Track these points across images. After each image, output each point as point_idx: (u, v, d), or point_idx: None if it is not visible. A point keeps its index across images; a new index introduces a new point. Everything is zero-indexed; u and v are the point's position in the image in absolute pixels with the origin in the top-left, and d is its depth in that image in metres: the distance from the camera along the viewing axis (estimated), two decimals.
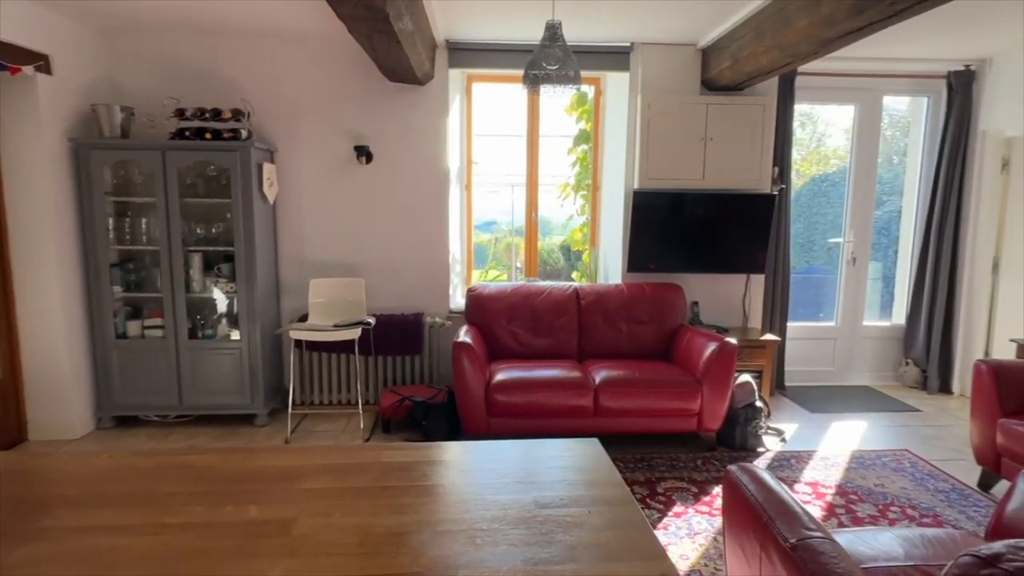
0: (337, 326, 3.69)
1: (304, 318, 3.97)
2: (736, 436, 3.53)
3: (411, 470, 1.41)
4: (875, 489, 3.07)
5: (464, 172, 4.46)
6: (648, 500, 2.93)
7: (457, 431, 3.55)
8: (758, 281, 4.36)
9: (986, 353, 4.44)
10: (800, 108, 4.83)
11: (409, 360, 4.13)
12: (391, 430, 3.74)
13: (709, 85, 4.09)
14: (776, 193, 4.18)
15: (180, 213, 3.59)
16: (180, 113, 3.59)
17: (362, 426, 3.80)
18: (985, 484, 3.08)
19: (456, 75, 4.21)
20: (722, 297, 4.36)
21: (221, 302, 3.86)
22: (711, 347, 3.41)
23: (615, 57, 4.10)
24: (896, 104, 4.85)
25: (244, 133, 3.60)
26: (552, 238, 5.32)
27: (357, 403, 4.01)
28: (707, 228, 4.13)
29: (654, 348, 3.91)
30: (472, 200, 4.54)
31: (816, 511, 2.85)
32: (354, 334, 3.65)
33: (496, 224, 5.06)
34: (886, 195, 5.02)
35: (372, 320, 3.83)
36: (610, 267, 4.48)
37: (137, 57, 3.89)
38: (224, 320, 3.86)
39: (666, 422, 3.43)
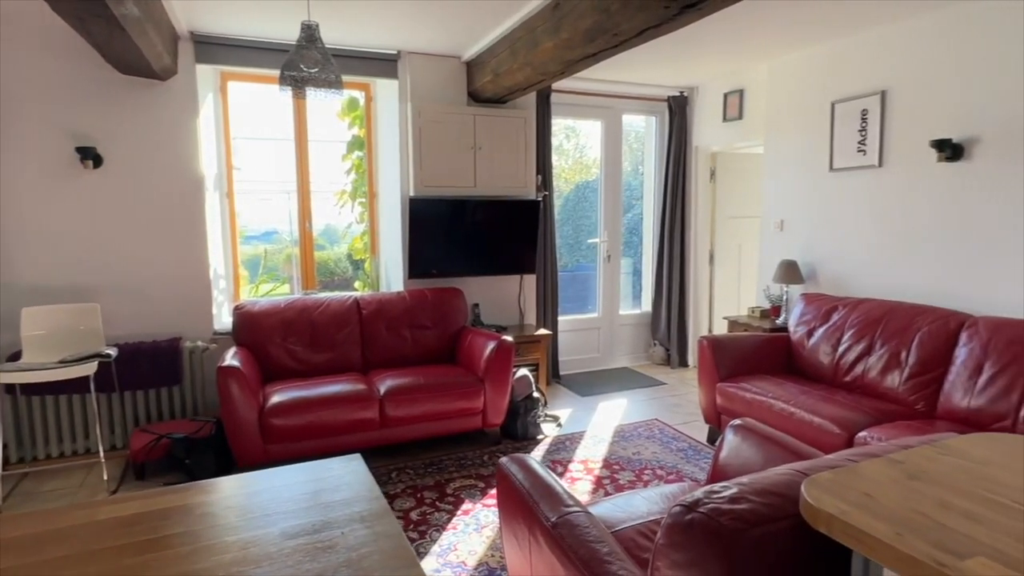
0: (64, 362, 3.08)
1: (16, 356, 3.24)
2: (518, 427, 3.75)
3: (137, 524, 1.21)
4: (633, 457, 3.50)
5: (224, 178, 4.06)
6: (438, 503, 2.96)
7: (230, 465, 3.21)
8: (531, 280, 4.70)
9: (709, 330, 5.37)
10: (565, 122, 5.34)
11: (166, 393, 3.61)
12: (147, 476, 3.23)
13: (475, 97, 4.28)
14: (540, 199, 4.55)
15: None
16: None
17: (106, 477, 3.22)
18: (712, 439, 3.71)
19: (207, 71, 3.80)
20: (500, 297, 4.61)
21: None
22: (490, 346, 3.58)
23: (383, 64, 4.08)
24: (637, 121, 5.61)
25: None
26: (340, 247, 5.12)
27: (99, 451, 3.39)
28: (482, 233, 4.32)
29: (439, 352, 3.97)
30: (235, 209, 4.14)
31: (587, 485, 3.16)
32: (87, 370, 3.08)
33: (277, 234, 4.70)
34: (635, 199, 5.79)
35: (113, 351, 3.27)
36: (392, 275, 4.45)
37: None
38: None
39: (453, 423, 3.51)
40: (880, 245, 3.68)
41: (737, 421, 2.21)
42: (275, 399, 3.15)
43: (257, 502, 1.29)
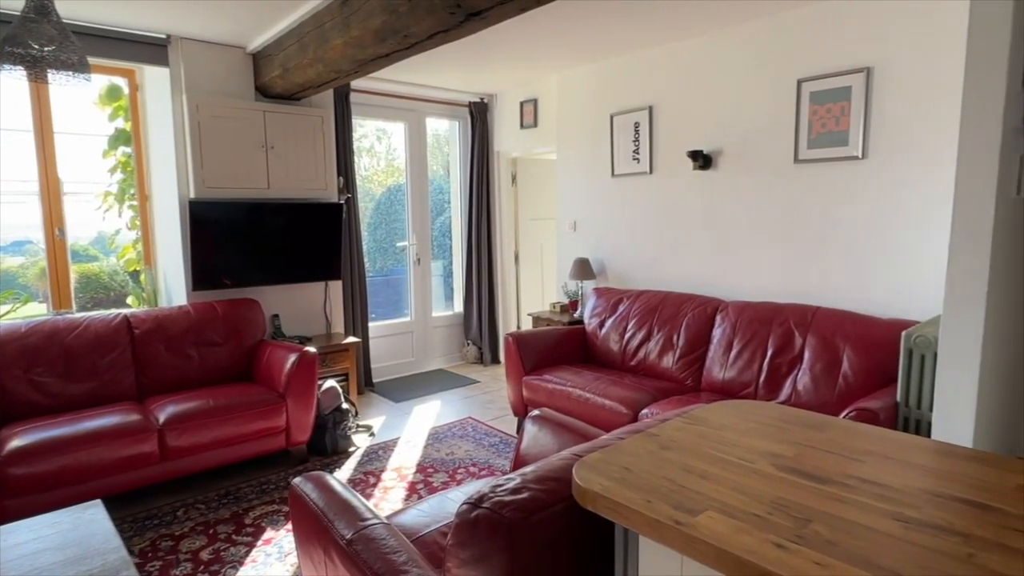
0: None
1: None
2: (327, 442, 3.56)
3: None
4: (447, 458, 3.52)
5: None
6: (235, 536, 2.69)
7: None
8: (337, 287, 4.50)
9: (517, 327, 5.63)
10: (375, 123, 5.19)
11: None
12: None
13: (264, 92, 3.97)
14: (343, 202, 4.37)
15: None
16: None
17: None
18: (520, 431, 3.88)
19: None
20: (304, 306, 4.33)
21: None
22: (291, 359, 3.34)
23: (149, 49, 3.59)
24: (441, 125, 5.66)
25: None
26: (115, 258, 4.39)
27: None
28: (280, 238, 4.02)
29: (233, 370, 3.62)
30: None
31: (400, 492, 3.10)
32: None
33: (30, 244, 3.88)
34: (446, 203, 5.83)
35: None
36: (173, 287, 3.95)
37: None
38: None
39: (252, 446, 3.23)
40: (654, 242, 4.16)
41: (535, 412, 2.33)
42: (13, 444, 2.60)
43: None
